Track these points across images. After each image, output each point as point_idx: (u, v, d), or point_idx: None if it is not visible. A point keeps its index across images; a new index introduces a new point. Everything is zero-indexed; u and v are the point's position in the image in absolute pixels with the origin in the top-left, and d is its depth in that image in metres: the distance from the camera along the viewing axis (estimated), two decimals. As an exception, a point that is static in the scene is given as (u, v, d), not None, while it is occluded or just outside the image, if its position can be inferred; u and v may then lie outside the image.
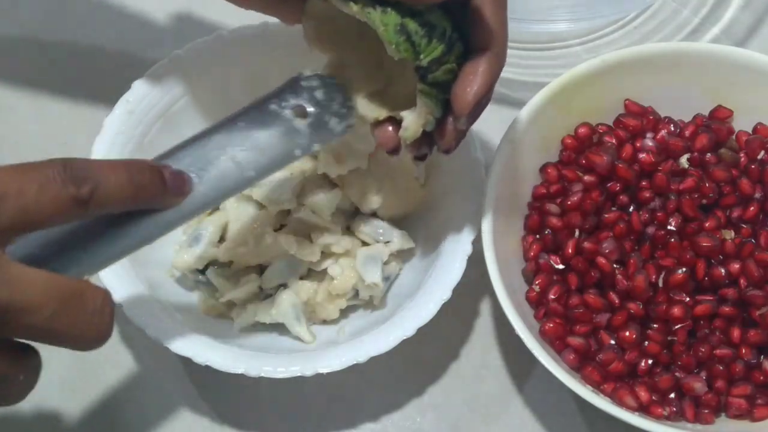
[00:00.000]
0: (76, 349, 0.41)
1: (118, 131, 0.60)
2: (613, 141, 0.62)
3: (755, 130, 0.63)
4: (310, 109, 0.51)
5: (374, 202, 0.61)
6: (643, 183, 0.60)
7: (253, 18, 0.62)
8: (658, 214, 0.59)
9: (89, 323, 0.41)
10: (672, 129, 0.63)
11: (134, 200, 0.43)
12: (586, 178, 0.61)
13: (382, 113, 0.51)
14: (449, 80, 0.48)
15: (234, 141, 0.49)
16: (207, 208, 0.50)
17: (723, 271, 0.56)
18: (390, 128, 0.51)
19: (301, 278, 0.61)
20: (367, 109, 0.52)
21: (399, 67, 0.50)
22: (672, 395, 0.56)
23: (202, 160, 0.48)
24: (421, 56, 0.47)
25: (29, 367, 0.41)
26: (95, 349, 0.42)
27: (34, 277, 0.39)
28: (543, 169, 0.62)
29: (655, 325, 0.57)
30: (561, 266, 0.59)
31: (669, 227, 0.59)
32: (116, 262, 0.46)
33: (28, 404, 0.61)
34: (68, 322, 0.40)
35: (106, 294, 0.42)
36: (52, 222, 0.40)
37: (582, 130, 0.63)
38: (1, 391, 0.41)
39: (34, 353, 0.42)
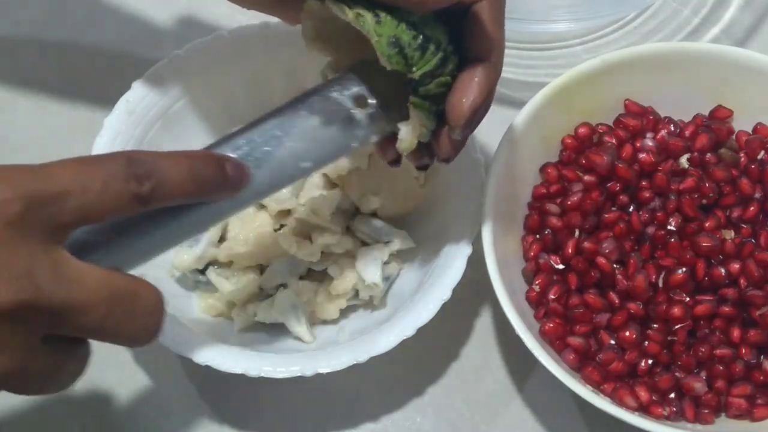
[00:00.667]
0: (124, 345, 0.42)
1: (118, 131, 0.60)
2: (613, 141, 0.62)
3: (755, 130, 0.63)
4: (371, 100, 0.50)
5: (374, 202, 0.61)
6: (643, 183, 0.60)
7: (253, 18, 0.62)
8: (658, 214, 0.59)
9: (141, 323, 0.41)
10: (672, 129, 0.63)
11: (195, 195, 0.43)
12: (586, 178, 0.61)
13: None
14: (442, 93, 0.48)
15: (293, 129, 0.48)
16: (261, 199, 0.49)
17: (723, 271, 0.56)
18: (388, 139, 0.51)
19: (301, 278, 0.61)
20: None
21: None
22: (672, 395, 0.56)
23: (260, 149, 0.47)
24: (414, 69, 0.46)
25: (78, 357, 0.42)
26: (143, 346, 0.43)
27: (90, 276, 0.39)
28: (543, 169, 0.62)
29: (655, 325, 0.57)
30: (561, 266, 0.59)
31: (669, 227, 0.59)
32: (167, 250, 0.45)
33: (28, 404, 0.61)
34: (120, 321, 0.40)
35: (158, 294, 0.42)
36: (111, 216, 0.40)
37: (582, 130, 0.63)
38: (50, 380, 0.41)
39: (84, 343, 0.42)
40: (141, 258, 0.44)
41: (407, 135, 0.49)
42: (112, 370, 0.62)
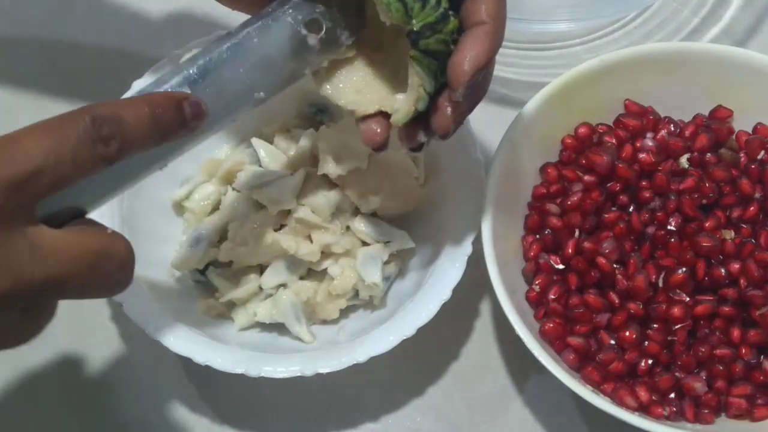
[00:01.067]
0: (100, 297, 0.43)
1: (118, 131, 0.60)
2: (613, 141, 0.62)
3: (755, 130, 0.63)
4: (325, 24, 0.49)
5: (374, 202, 0.61)
6: (643, 183, 0.60)
7: (253, 18, 0.63)
8: (658, 214, 0.59)
9: (115, 277, 0.42)
10: (672, 129, 0.63)
11: (159, 141, 0.43)
12: (586, 178, 0.61)
13: (371, 107, 0.50)
14: (442, 51, 0.47)
15: (247, 57, 0.48)
16: (217, 131, 0.48)
17: (723, 271, 0.56)
18: (376, 122, 0.50)
19: (301, 278, 0.61)
20: (355, 103, 0.51)
21: (390, 65, 0.49)
22: (672, 395, 0.56)
23: (214, 79, 0.47)
24: (413, 21, 0.46)
25: (46, 315, 0.43)
26: (114, 295, 0.44)
27: (65, 246, 0.40)
28: (543, 169, 0.62)
29: (655, 325, 0.57)
30: (561, 266, 0.59)
31: (669, 227, 0.59)
32: (128, 188, 0.45)
33: (28, 403, 0.61)
34: (98, 282, 0.42)
35: (128, 246, 0.43)
36: (81, 179, 0.41)
37: (582, 130, 0.63)
38: (14, 340, 0.42)
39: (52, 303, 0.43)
40: (104, 198, 0.44)
41: (404, 103, 0.48)
42: (112, 370, 0.62)
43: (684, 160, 0.62)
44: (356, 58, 0.52)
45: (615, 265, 0.58)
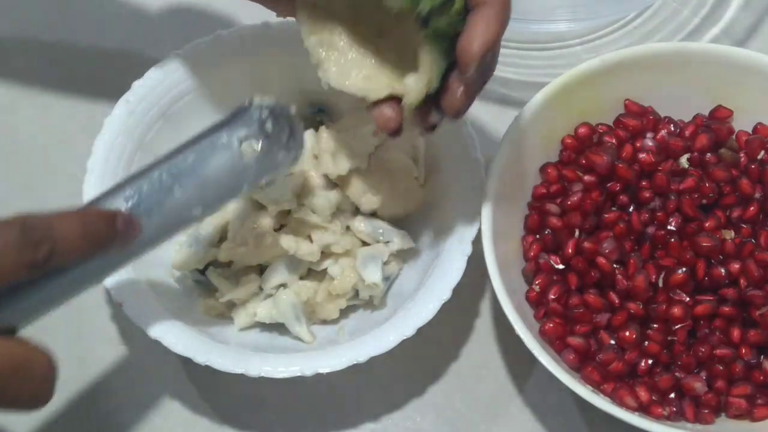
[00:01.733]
0: (17, 412, 0.42)
1: (118, 131, 0.60)
2: (613, 141, 0.62)
3: (755, 130, 0.63)
4: (260, 142, 0.50)
5: (374, 202, 0.60)
6: (643, 183, 0.60)
7: (253, 18, 0.63)
8: (658, 214, 0.59)
9: (36, 391, 0.41)
10: (672, 129, 0.63)
11: (89, 252, 0.44)
12: (586, 178, 0.61)
13: (382, 92, 0.50)
14: (451, 34, 0.47)
15: (183, 176, 0.49)
16: (154, 247, 0.49)
17: (723, 271, 0.56)
18: (388, 106, 0.50)
19: (301, 278, 0.61)
20: (366, 89, 0.51)
21: (396, 51, 0.50)
22: (672, 395, 0.56)
23: (150, 198, 0.48)
24: (421, 4, 0.46)
25: None
26: (37, 410, 0.42)
27: None
28: (543, 169, 0.62)
29: (655, 325, 0.57)
30: (561, 266, 0.59)
31: (669, 227, 0.59)
32: (62, 305, 0.45)
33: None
34: (13, 394, 0.40)
35: (51, 360, 0.42)
36: (5, 284, 0.40)
37: (582, 130, 0.63)
38: None
39: None
40: (36, 314, 0.44)
41: (415, 83, 0.48)
42: (111, 369, 0.62)
43: (684, 160, 0.62)
44: (360, 44, 0.52)
45: (615, 265, 0.58)
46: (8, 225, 0.40)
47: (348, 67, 0.52)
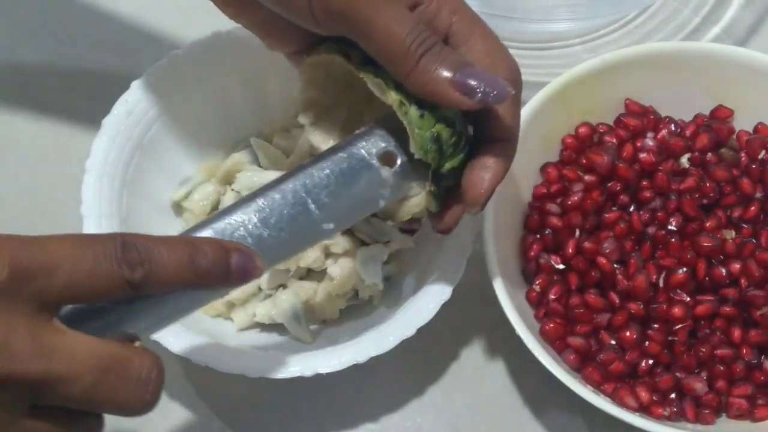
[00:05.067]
0: (119, 415, 0.40)
1: (116, 131, 0.60)
2: (614, 141, 0.62)
3: (756, 129, 0.63)
4: (399, 158, 0.48)
5: (374, 202, 0.60)
6: (644, 183, 0.60)
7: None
8: (659, 213, 0.59)
9: (133, 392, 0.40)
10: (673, 129, 0.63)
11: (193, 285, 0.41)
12: (587, 177, 0.60)
13: None
14: (455, 184, 0.48)
15: (318, 190, 0.46)
16: (279, 264, 0.48)
17: (724, 271, 0.56)
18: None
19: (301, 278, 0.61)
20: None
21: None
22: (672, 395, 0.56)
23: (282, 211, 0.45)
24: (443, 164, 0.47)
25: (86, 428, 0.41)
26: (140, 415, 0.41)
27: (76, 345, 0.38)
28: (543, 168, 0.62)
29: (655, 325, 0.57)
30: (561, 266, 0.59)
31: (669, 227, 0.59)
32: (170, 324, 0.43)
33: (28, 404, 0.61)
34: (110, 391, 0.39)
35: (154, 361, 0.41)
36: (101, 299, 0.39)
37: (582, 130, 0.63)
38: None
39: (91, 415, 0.41)
40: (141, 331, 0.42)
41: (402, 210, 0.49)
42: (111, 370, 0.62)
43: (685, 160, 0.61)
44: (349, 108, 0.52)
45: (615, 265, 0.58)
46: (110, 239, 0.39)
47: (330, 130, 0.52)
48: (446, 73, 0.45)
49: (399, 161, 0.49)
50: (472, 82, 0.45)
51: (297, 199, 0.46)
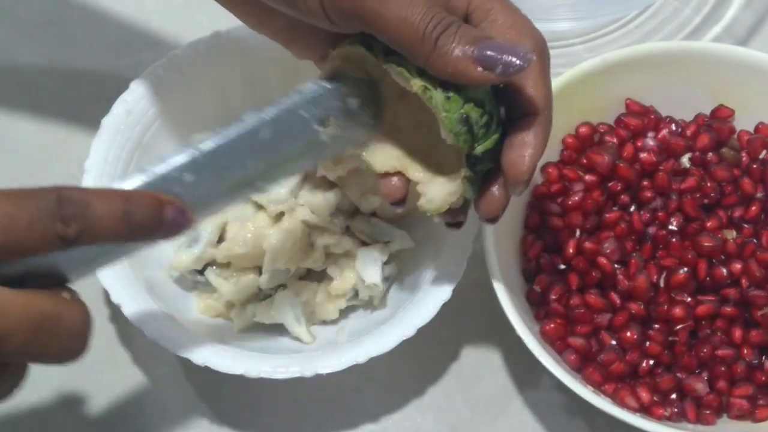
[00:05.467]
0: (50, 364, 0.41)
1: (116, 131, 0.60)
2: (614, 140, 0.62)
3: (757, 129, 0.63)
4: (339, 121, 0.48)
5: (374, 202, 0.60)
6: (645, 183, 0.60)
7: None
8: (660, 213, 0.59)
9: (65, 344, 0.40)
10: (673, 128, 0.63)
11: (127, 237, 0.42)
12: (587, 177, 0.60)
13: (392, 166, 0.49)
14: (491, 167, 0.47)
15: (255, 148, 0.46)
16: (211, 215, 0.48)
17: (725, 271, 0.56)
18: (397, 180, 0.50)
19: (301, 278, 0.61)
20: (375, 158, 0.50)
21: (410, 121, 0.49)
22: (673, 396, 0.56)
23: (219, 166, 0.46)
24: (476, 146, 0.46)
25: (8, 376, 0.41)
26: (70, 363, 0.41)
27: (8, 303, 0.38)
28: (544, 168, 0.62)
29: (656, 326, 0.57)
30: (562, 266, 0.59)
31: (670, 227, 0.59)
32: (101, 268, 0.44)
33: (27, 404, 0.61)
34: (44, 345, 0.39)
35: (84, 311, 0.41)
36: (36, 254, 0.39)
37: (583, 130, 0.63)
38: None
39: (11, 366, 0.41)
40: (70, 277, 0.43)
41: (439, 198, 0.48)
42: (111, 370, 0.62)
43: (685, 160, 0.61)
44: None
45: (616, 265, 0.58)
46: (44, 194, 0.39)
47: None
48: (465, 50, 0.44)
49: (340, 125, 0.48)
50: (492, 54, 0.43)
51: (234, 155, 0.46)
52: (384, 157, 0.50)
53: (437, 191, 0.48)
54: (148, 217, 0.42)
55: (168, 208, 0.43)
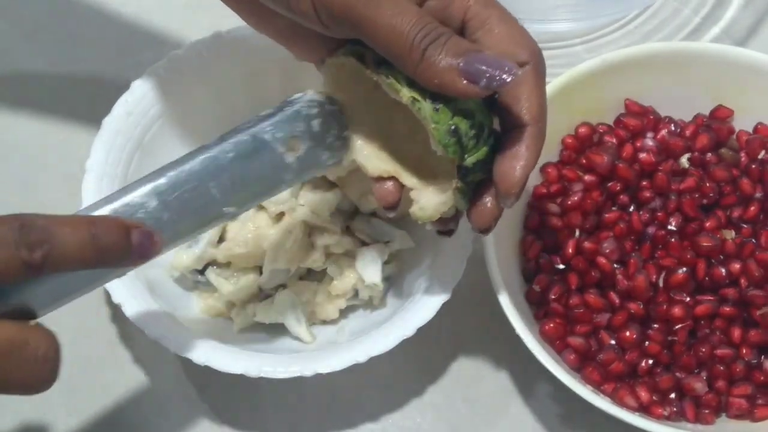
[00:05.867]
0: (17, 394, 0.40)
1: (117, 131, 0.60)
2: (614, 141, 0.62)
3: (756, 129, 0.63)
4: (304, 143, 0.48)
5: (374, 202, 0.60)
6: (644, 183, 0.60)
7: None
8: (659, 213, 0.59)
9: (31, 372, 0.40)
10: (672, 129, 0.63)
11: (94, 263, 0.41)
12: (587, 177, 0.61)
13: (386, 171, 0.49)
14: (483, 179, 0.47)
15: (221, 173, 0.46)
16: (181, 243, 0.48)
17: (723, 271, 0.56)
18: (391, 184, 0.49)
19: (301, 278, 0.61)
20: (370, 162, 0.50)
21: (407, 127, 0.49)
22: (672, 395, 0.56)
23: (183, 192, 0.45)
24: (466, 157, 0.46)
25: None
26: (39, 393, 0.41)
27: None
28: (543, 168, 0.62)
29: (655, 325, 0.57)
30: (561, 266, 0.59)
31: (669, 227, 0.59)
32: (68, 302, 0.44)
33: (27, 404, 0.61)
34: (6, 375, 0.39)
35: (51, 339, 0.40)
36: (1, 283, 0.39)
37: (582, 130, 0.63)
38: None
39: None
40: (39, 308, 0.43)
41: (431, 207, 0.48)
42: (111, 370, 0.62)
43: (684, 160, 0.61)
44: (374, 113, 0.51)
45: (615, 265, 0.58)
46: (6, 221, 0.39)
47: (363, 137, 0.50)
48: (452, 63, 0.43)
49: (305, 146, 0.48)
50: (478, 67, 0.43)
51: (199, 181, 0.46)
52: (378, 161, 0.50)
53: (429, 200, 0.48)
54: (115, 242, 0.42)
55: (134, 232, 0.43)
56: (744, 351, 0.56)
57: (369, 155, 0.50)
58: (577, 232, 0.59)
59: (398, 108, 0.49)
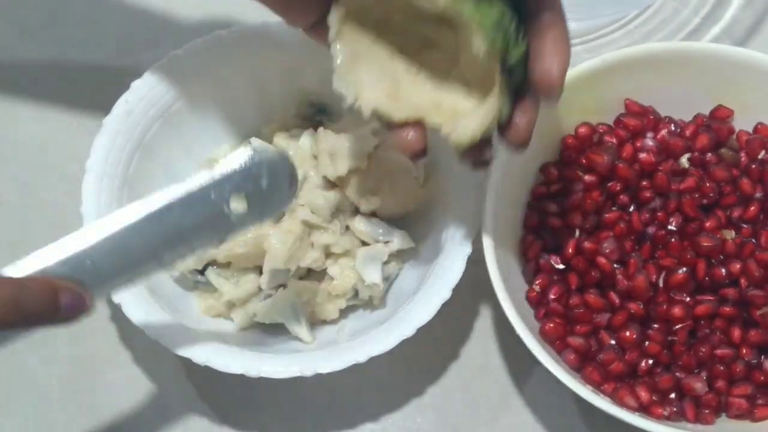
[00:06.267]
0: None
1: (117, 131, 0.60)
2: (614, 141, 0.62)
3: (756, 129, 0.63)
4: (250, 200, 0.48)
5: (374, 202, 0.60)
6: (644, 183, 0.60)
7: (253, 17, 0.63)
8: (659, 213, 0.59)
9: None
10: (672, 129, 0.63)
11: (19, 325, 0.41)
12: (587, 177, 0.60)
13: (410, 115, 0.48)
14: (521, 80, 0.46)
15: (165, 230, 0.47)
16: (118, 289, 0.49)
17: (723, 271, 0.56)
18: (413, 131, 0.48)
19: (301, 278, 0.61)
20: (392, 109, 0.49)
21: (413, 70, 0.49)
22: (672, 395, 0.56)
23: (126, 248, 0.46)
24: (512, 51, 0.45)
25: None
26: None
27: None
28: (543, 168, 0.62)
29: (655, 325, 0.57)
30: (561, 266, 0.59)
31: (669, 227, 0.59)
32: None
33: (28, 404, 0.61)
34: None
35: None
36: None
37: (582, 130, 0.63)
38: None
39: None
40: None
41: (475, 124, 0.47)
42: (112, 370, 0.62)
43: (684, 160, 0.61)
44: (395, 57, 0.50)
45: (615, 265, 0.58)
46: None
47: (366, 78, 0.49)
48: None
49: (250, 204, 0.48)
50: None
51: (144, 239, 0.47)
52: (398, 108, 0.49)
53: (469, 119, 0.47)
54: (42, 304, 0.42)
55: (63, 293, 0.43)
56: (744, 351, 0.56)
57: (387, 104, 0.49)
58: (577, 232, 0.59)
59: (406, 45, 0.48)
